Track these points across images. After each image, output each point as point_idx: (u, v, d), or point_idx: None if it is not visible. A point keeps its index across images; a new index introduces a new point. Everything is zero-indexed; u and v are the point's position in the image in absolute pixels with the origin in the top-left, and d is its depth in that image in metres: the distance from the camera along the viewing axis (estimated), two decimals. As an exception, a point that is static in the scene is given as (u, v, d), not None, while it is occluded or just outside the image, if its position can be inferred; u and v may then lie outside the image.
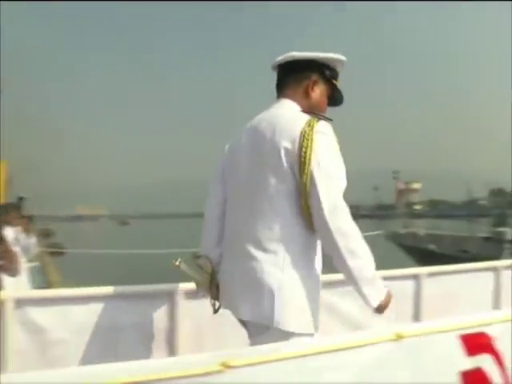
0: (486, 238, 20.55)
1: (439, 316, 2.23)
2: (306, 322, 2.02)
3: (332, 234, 1.94)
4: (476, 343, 1.90)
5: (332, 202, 1.95)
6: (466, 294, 4.16)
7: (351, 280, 2.00)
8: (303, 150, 1.96)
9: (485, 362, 1.92)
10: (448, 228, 32.68)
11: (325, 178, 1.97)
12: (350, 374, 1.65)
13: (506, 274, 4.45)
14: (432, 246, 19.94)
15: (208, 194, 2.39)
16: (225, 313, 2.31)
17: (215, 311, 2.35)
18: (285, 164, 2.00)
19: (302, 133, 1.99)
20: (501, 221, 25.28)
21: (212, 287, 2.32)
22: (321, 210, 1.95)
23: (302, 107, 2.20)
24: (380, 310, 2.09)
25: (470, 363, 1.88)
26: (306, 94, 2.23)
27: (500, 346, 1.95)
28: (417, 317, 3.92)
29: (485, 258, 4.63)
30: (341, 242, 1.94)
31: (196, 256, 2.38)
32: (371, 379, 1.67)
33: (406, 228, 24.87)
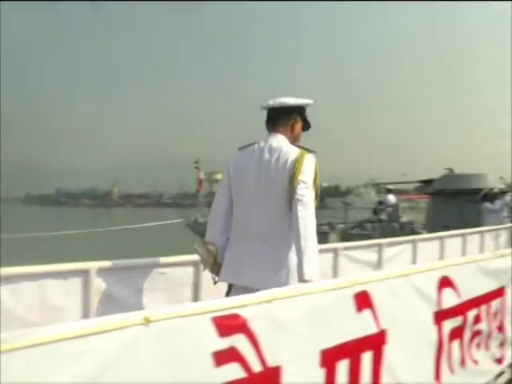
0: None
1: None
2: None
3: (303, 224, 2.89)
4: (229, 324, 1.94)
5: (308, 209, 2.95)
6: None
7: (300, 257, 2.84)
8: (294, 173, 2.97)
9: (238, 341, 1.98)
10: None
11: (302, 192, 2.95)
12: (97, 359, 1.58)
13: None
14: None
15: (216, 196, 3.36)
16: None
17: (215, 283, 3.28)
18: (287, 182, 2.99)
19: (295, 159, 3.00)
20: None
21: (215, 266, 3.24)
22: (302, 208, 2.91)
23: (288, 139, 3.19)
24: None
25: (222, 344, 1.93)
26: (292, 130, 3.25)
27: (254, 326, 2.03)
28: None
29: None
30: (307, 233, 2.88)
31: (205, 242, 3.25)
32: (119, 364, 1.62)
33: (206, 217, 25.30)
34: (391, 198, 17.29)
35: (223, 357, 1.92)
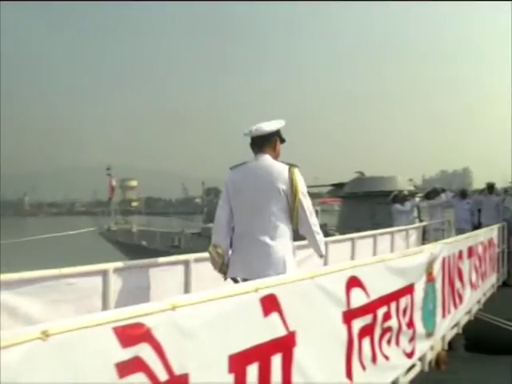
0: (196, 234, 21.80)
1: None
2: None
3: (312, 227, 3.93)
4: (132, 334, 1.92)
5: (310, 212, 3.93)
6: (156, 287, 4.31)
7: (315, 246, 4.03)
8: (293, 187, 3.82)
9: (143, 351, 1.96)
10: (163, 225, 33.87)
11: (306, 201, 3.89)
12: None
13: (195, 266, 4.74)
14: (144, 242, 20.39)
15: (218, 209, 4.11)
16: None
17: (225, 279, 4.00)
18: (282, 193, 3.83)
19: (289, 176, 3.83)
20: (211, 217, 27.07)
21: (223, 265, 3.99)
22: (306, 216, 3.88)
23: (272, 157, 4.00)
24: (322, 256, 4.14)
25: (126, 354, 1.90)
26: (274, 149, 4.05)
27: (158, 334, 2.01)
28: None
29: (194, 253, 4.94)
30: (315, 231, 3.95)
31: (214, 245, 4.01)
32: (16, 381, 1.56)
33: (119, 225, 24.90)
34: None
35: (127, 368, 1.89)
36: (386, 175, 18.69)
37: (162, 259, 4.58)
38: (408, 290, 4.61)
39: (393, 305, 4.19)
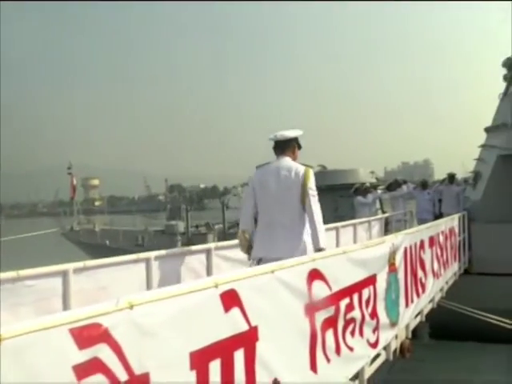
0: (160, 232, 21.68)
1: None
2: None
3: (314, 215, 4.61)
4: (89, 335, 1.89)
5: (316, 207, 4.67)
6: (117, 286, 4.27)
7: (315, 237, 4.58)
8: (305, 183, 4.65)
9: (101, 351, 1.93)
10: (127, 223, 33.55)
11: (312, 196, 4.67)
12: None
13: (156, 264, 4.72)
14: (107, 242, 20.18)
15: (244, 202, 5.07)
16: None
17: (249, 259, 4.86)
18: (300, 189, 4.63)
19: (304, 173, 4.67)
20: (174, 214, 26.89)
21: (249, 248, 4.86)
22: (312, 210, 4.62)
23: (291, 159, 4.86)
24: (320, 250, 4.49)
25: (84, 356, 1.87)
26: (293, 153, 4.91)
27: (117, 334, 1.98)
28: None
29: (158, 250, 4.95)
30: (316, 219, 4.62)
31: (243, 231, 4.89)
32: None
33: (82, 224, 24.60)
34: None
35: (86, 369, 1.86)
36: (348, 168, 18.85)
37: (122, 258, 4.55)
38: (370, 280, 4.67)
39: (355, 296, 4.24)
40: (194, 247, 5.33)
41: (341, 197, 16.29)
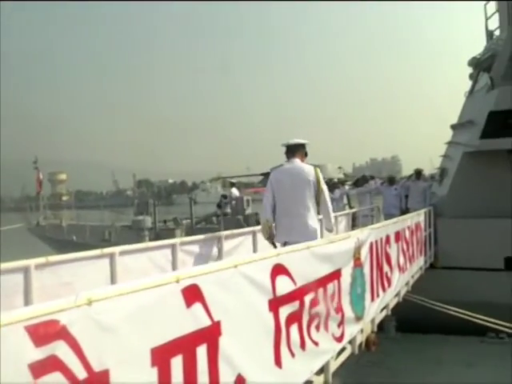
0: (127, 227, 21.46)
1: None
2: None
3: (329, 210, 5.99)
4: (46, 332, 1.85)
5: (328, 199, 5.97)
6: (81, 282, 4.21)
7: (328, 221, 6.13)
8: (318, 181, 5.86)
9: (58, 349, 1.90)
10: (94, 219, 33.17)
11: (325, 191, 5.93)
12: None
13: (121, 259, 4.68)
14: (74, 237, 19.92)
15: (265, 197, 6.01)
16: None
17: (271, 243, 5.92)
18: (311, 185, 5.81)
19: (315, 173, 5.87)
20: (142, 209, 26.65)
21: (271, 234, 5.89)
22: (326, 202, 5.90)
23: (301, 161, 6.02)
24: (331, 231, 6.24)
25: (40, 354, 1.83)
26: (303, 157, 6.09)
27: (74, 331, 1.95)
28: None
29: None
30: (329, 208, 5.99)
31: (267, 220, 5.89)
32: None
33: (49, 220, 24.22)
34: (235, 192, 17.66)
35: (43, 368, 1.82)
36: (315, 163, 18.97)
37: (86, 253, 4.49)
38: (335, 275, 4.70)
39: (320, 291, 4.26)
40: (159, 242, 5.32)
41: None
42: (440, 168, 16.15)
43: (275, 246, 5.82)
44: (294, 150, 6.10)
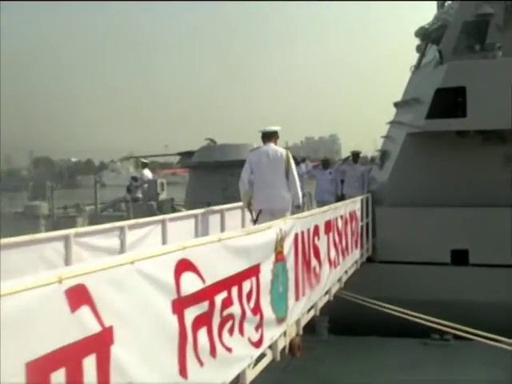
0: (20, 214, 20.86)
1: None
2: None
3: (296, 182, 8.59)
4: None
5: (296, 176, 8.73)
6: None
7: (296, 197, 8.59)
8: (288, 159, 8.57)
9: None
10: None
11: (293, 167, 8.63)
12: None
13: (4, 254, 4.57)
14: None
15: (243, 173, 8.71)
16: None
17: (252, 215, 8.74)
18: (283, 164, 8.54)
19: (286, 154, 8.62)
20: (38, 193, 25.97)
21: (250, 204, 8.75)
22: (294, 175, 8.57)
23: (274, 145, 8.93)
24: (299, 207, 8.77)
25: None
26: (276, 141, 8.90)
27: None
28: None
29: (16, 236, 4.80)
30: (297, 184, 8.65)
31: (246, 192, 8.63)
32: None
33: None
34: (147, 174, 17.49)
35: None
36: (241, 143, 18.89)
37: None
38: (253, 271, 4.75)
39: (234, 289, 4.30)
40: (49, 234, 5.21)
41: (231, 175, 16.35)
42: (381, 150, 16.50)
43: (251, 214, 8.58)
44: (270, 136, 8.71)
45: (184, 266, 3.48)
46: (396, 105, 16.26)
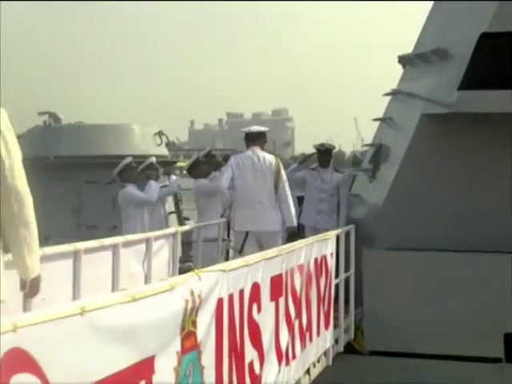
0: None
1: None
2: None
3: (288, 198, 15.25)
4: None
5: (288, 190, 15.57)
6: None
7: (289, 216, 15.27)
8: (278, 168, 15.29)
9: None
10: None
11: (284, 179, 15.30)
12: None
13: None
14: None
15: (223, 180, 15.29)
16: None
17: (234, 231, 16.51)
18: (273, 173, 15.18)
19: (276, 162, 15.31)
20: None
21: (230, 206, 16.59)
22: (285, 189, 15.18)
23: (261, 149, 15.98)
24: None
25: None
26: (262, 145, 15.76)
27: None
28: None
29: None
30: (290, 200, 15.42)
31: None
32: None
33: None
34: None
35: None
36: (104, 123, 19.42)
37: None
38: (142, 370, 4.63)
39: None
40: None
41: (88, 183, 16.44)
42: (372, 145, 16.15)
43: (246, 235, 12.52)
44: (255, 138, 12.08)
45: (16, 361, 3.35)
46: (403, 61, 15.88)
